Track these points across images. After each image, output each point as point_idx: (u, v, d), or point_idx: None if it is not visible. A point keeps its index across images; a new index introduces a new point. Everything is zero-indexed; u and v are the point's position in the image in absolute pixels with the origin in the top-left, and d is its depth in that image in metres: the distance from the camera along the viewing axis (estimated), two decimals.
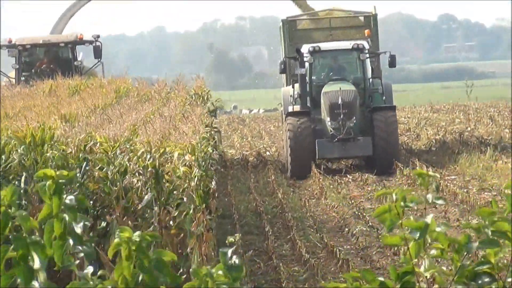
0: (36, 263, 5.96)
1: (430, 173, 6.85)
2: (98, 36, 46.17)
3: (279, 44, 40.67)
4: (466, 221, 25.19)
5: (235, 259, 6.07)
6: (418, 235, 6.41)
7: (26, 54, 45.61)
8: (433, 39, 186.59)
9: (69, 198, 6.14)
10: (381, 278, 6.34)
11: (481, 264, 6.36)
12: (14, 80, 44.13)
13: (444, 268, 6.37)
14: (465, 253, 6.37)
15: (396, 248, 21.04)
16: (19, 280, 5.92)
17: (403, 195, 6.47)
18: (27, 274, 5.91)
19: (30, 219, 5.98)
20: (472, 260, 6.38)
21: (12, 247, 6.02)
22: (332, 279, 20.43)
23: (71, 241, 6.15)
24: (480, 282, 6.32)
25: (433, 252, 6.42)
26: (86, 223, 6.09)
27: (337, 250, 22.84)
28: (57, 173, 6.11)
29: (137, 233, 6.10)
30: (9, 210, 5.99)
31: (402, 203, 6.48)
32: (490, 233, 6.38)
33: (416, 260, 6.42)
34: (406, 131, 46.28)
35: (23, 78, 44.12)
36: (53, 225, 6.08)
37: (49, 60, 45.24)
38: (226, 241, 6.04)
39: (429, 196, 6.50)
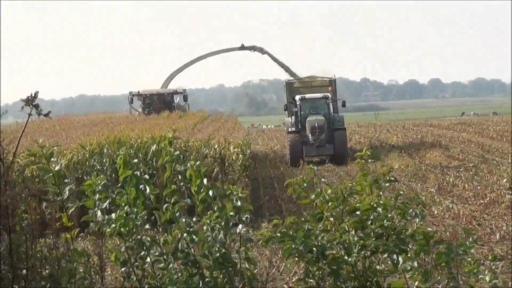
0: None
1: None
2: (185, 90, 46.60)
3: (283, 94, 40.08)
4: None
5: (239, 203, 6.18)
6: (314, 196, 6.50)
7: (148, 99, 45.82)
8: (358, 90, 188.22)
9: (176, 153, 6.40)
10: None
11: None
12: (141, 113, 44.48)
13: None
14: (343, 197, 6.44)
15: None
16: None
17: (303, 180, 6.57)
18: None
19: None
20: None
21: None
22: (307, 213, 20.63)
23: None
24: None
25: (330, 204, 6.39)
26: (185, 168, 6.29)
27: None
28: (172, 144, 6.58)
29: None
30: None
31: (304, 184, 6.57)
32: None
33: (325, 207, 6.39)
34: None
35: (146, 111, 44.37)
36: (169, 166, 6.35)
37: (159, 103, 45.51)
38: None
39: (320, 179, 6.89)
